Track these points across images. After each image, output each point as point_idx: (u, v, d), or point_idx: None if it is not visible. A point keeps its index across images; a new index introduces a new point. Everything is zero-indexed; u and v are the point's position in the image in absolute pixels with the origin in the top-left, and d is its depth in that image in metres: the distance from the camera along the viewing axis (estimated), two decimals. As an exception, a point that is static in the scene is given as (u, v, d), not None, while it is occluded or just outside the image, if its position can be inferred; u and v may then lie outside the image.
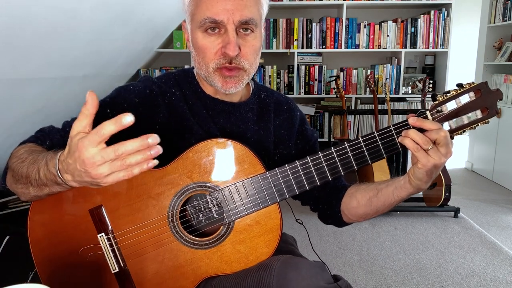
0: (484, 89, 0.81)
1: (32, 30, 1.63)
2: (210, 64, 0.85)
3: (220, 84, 0.86)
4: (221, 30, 0.83)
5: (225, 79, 0.86)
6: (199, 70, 0.89)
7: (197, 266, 0.85)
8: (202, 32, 0.84)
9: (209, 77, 0.87)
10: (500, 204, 3.11)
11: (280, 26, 3.44)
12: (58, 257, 0.85)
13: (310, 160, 0.83)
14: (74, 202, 0.85)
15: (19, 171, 0.77)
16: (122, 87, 0.93)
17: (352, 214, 0.97)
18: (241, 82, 0.88)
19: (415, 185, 0.83)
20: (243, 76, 0.87)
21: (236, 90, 0.88)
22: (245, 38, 0.84)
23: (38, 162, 0.75)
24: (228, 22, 0.81)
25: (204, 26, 0.83)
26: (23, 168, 0.76)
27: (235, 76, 0.86)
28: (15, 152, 0.82)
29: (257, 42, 0.87)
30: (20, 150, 0.82)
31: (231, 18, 0.81)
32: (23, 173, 0.76)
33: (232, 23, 0.82)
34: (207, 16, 0.82)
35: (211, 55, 0.84)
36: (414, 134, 0.77)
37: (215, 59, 0.84)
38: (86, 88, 2.45)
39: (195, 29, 0.85)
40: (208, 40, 0.84)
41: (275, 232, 0.84)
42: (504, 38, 3.74)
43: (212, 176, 0.83)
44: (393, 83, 3.51)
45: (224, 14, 0.81)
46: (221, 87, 0.87)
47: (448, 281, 2.00)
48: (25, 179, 0.76)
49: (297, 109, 1.04)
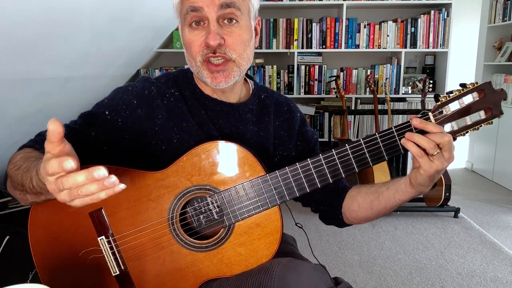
0: (488, 89, 0.79)
1: (32, 30, 1.63)
2: (196, 57, 0.84)
3: (209, 79, 0.85)
4: (205, 23, 0.83)
5: (213, 74, 0.85)
6: (190, 67, 0.89)
7: (198, 268, 0.85)
8: (187, 27, 0.84)
9: (199, 72, 0.86)
10: (500, 204, 3.11)
11: (280, 26, 3.43)
12: (59, 260, 0.85)
13: (310, 162, 0.82)
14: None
15: (15, 179, 0.77)
16: (120, 88, 0.92)
17: (353, 217, 0.97)
18: (231, 76, 0.86)
19: (416, 189, 0.82)
20: (232, 68, 0.85)
21: (226, 85, 0.86)
22: (229, 28, 0.83)
23: (31, 171, 0.73)
24: (208, 10, 0.81)
25: (187, 18, 0.83)
26: (18, 176, 0.76)
27: (223, 70, 0.85)
28: (12, 159, 0.82)
29: (244, 33, 0.85)
30: (16, 157, 0.81)
31: (211, 6, 0.80)
32: (19, 181, 0.75)
33: (213, 12, 0.81)
34: (188, 6, 0.82)
35: (196, 47, 0.84)
36: (420, 139, 0.75)
37: (200, 50, 0.84)
38: (86, 88, 2.46)
39: (183, 26, 0.86)
40: (193, 34, 0.84)
41: (275, 235, 0.84)
42: (504, 38, 3.74)
43: (211, 179, 0.83)
44: (393, 83, 3.50)
45: (203, 2, 0.80)
46: (210, 82, 0.86)
47: (448, 281, 2.00)
48: (21, 186, 0.75)
49: (297, 110, 1.03)
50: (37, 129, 0.91)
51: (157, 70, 3.45)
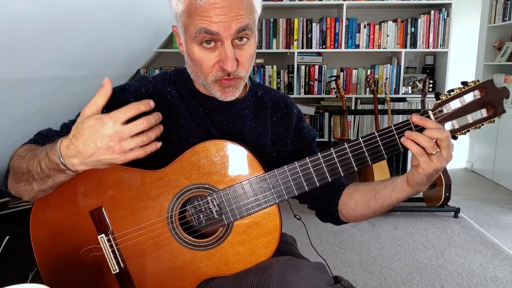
0: (490, 87, 0.77)
1: (32, 30, 1.63)
2: (208, 76, 0.84)
3: (219, 93, 0.87)
4: (217, 44, 0.80)
5: (224, 89, 0.86)
6: (196, 78, 0.89)
7: (197, 267, 0.85)
8: (197, 45, 0.81)
9: (208, 86, 0.87)
10: (500, 204, 3.11)
11: (280, 26, 3.44)
12: (60, 258, 0.86)
13: (309, 161, 0.82)
14: (75, 203, 0.85)
15: (20, 168, 0.78)
16: (118, 87, 0.93)
17: (350, 215, 0.97)
18: (238, 89, 0.88)
19: (414, 188, 0.82)
20: (240, 83, 0.87)
21: (234, 97, 0.88)
22: (241, 48, 0.82)
23: (38, 155, 0.76)
24: (224, 34, 0.78)
25: (198, 37, 0.79)
26: (24, 164, 0.77)
27: (233, 85, 0.86)
28: (15, 152, 0.84)
29: (253, 48, 0.85)
30: (20, 149, 0.83)
31: (228, 30, 0.78)
32: (24, 169, 0.77)
33: (228, 36, 0.79)
34: (202, 27, 0.78)
35: (208, 68, 0.83)
36: (420, 137, 0.75)
37: (213, 72, 0.83)
38: (86, 88, 2.46)
39: (190, 41, 0.82)
40: (204, 53, 0.82)
41: (274, 234, 0.84)
42: (504, 38, 3.74)
43: (210, 178, 0.83)
44: (393, 83, 3.50)
45: (219, 26, 0.77)
46: (219, 96, 0.87)
47: (448, 281, 2.00)
48: (27, 174, 0.77)
49: (294, 106, 1.04)
50: (37, 129, 0.92)
51: (157, 70, 3.45)
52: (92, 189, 0.84)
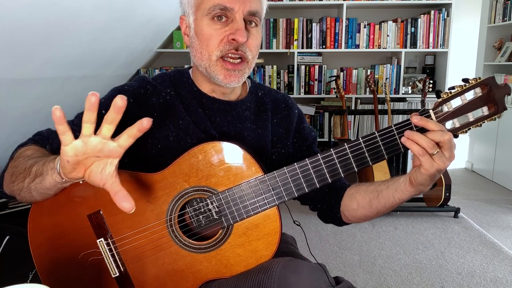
0: (492, 84, 0.76)
1: (32, 30, 1.63)
2: (214, 52, 0.85)
3: (221, 76, 0.86)
4: (228, 19, 0.84)
5: (228, 71, 0.86)
6: (199, 61, 0.88)
7: (197, 269, 0.84)
8: (208, 19, 0.84)
9: (210, 68, 0.86)
10: (500, 204, 3.11)
11: (280, 26, 3.43)
12: (60, 262, 0.85)
13: (309, 162, 0.81)
14: (74, 207, 0.84)
15: (21, 166, 0.77)
16: (117, 88, 0.93)
17: (352, 216, 0.96)
18: (242, 76, 0.88)
19: (416, 188, 0.81)
20: (245, 69, 0.87)
21: (237, 84, 0.88)
22: (250, 30, 0.86)
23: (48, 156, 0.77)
24: (238, 10, 0.83)
25: (212, 13, 0.84)
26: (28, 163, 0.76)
27: (238, 69, 0.86)
28: (22, 152, 0.82)
29: (259, 38, 0.89)
30: (27, 151, 0.82)
31: (242, 7, 0.83)
32: (27, 167, 0.76)
33: (241, 12, 0.83)
34: (217, 3, 0.83)
35: (216, 42, 0.84)
36: (419, 137, 0.74)
37: (220, 46, 0.84)
38: (86, 88, 2.46)
39: (201, 17, 0.85)
40: (214, 27, 0.84)
41: (274, 235, 0.83)
42: (504, 38, 3.74)
43: (209, 180, 0.83)
44: (393, 83, 3.50)
45: (235, 3, 0.83)
46: (222, 79, 0.86)
47: (448, 281, 2.00)
48: (25, 171, 0.76)
49: (295, 106, 1.03)
50: (37, 129, 0.91)
51: (157, 70, 3.44)
52: (90, 193, 0.84)
